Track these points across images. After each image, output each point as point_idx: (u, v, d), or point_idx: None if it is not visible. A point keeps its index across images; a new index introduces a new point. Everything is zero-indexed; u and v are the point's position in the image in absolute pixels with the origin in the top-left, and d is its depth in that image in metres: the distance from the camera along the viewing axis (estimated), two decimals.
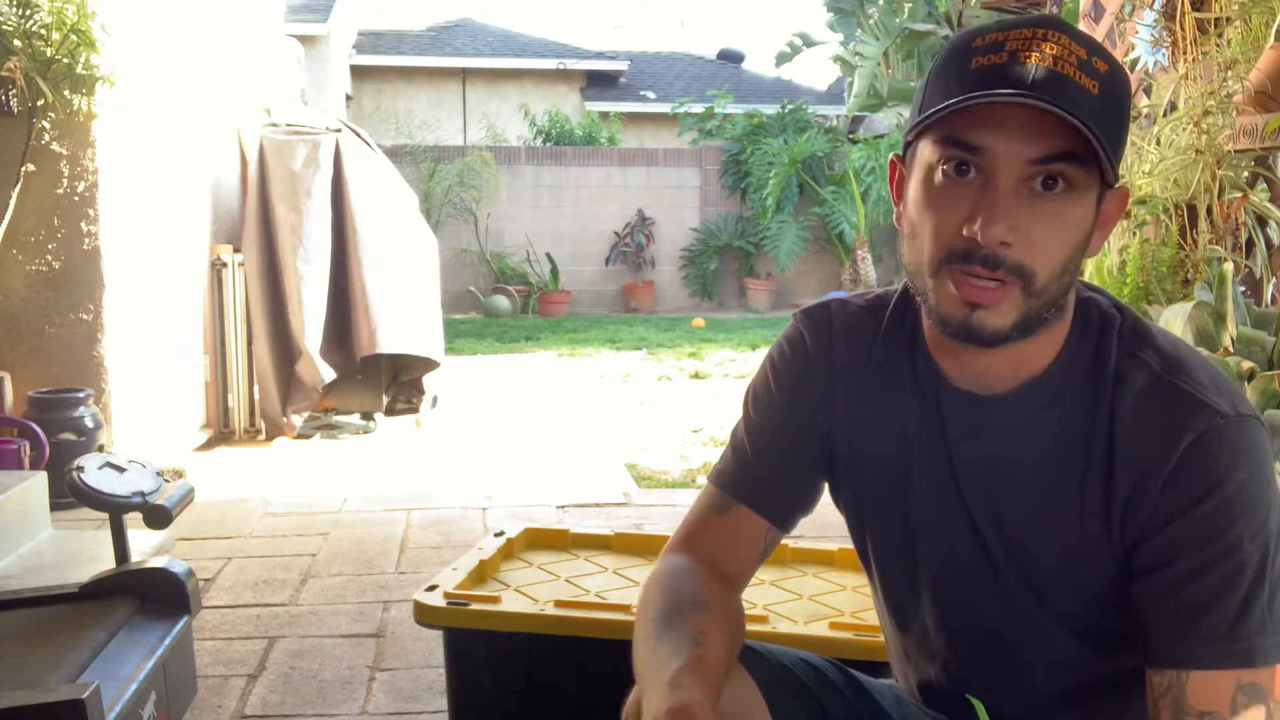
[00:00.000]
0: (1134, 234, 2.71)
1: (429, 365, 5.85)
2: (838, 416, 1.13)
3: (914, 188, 1.00)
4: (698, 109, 13.66)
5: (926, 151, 0.97)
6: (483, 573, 1.95)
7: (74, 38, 3.71)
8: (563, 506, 4.01)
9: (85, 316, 4.04)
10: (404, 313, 5.45)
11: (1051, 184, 0.93)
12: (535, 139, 13.96)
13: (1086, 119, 0.90)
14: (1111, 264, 2.72)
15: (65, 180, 3.97)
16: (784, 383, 1.16)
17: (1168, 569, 0.96)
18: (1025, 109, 0.91)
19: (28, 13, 3.69)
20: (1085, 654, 1.06)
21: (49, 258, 4.00)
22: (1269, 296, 2.61)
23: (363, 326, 5.26)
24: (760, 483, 1.15)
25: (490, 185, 11.94)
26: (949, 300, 0.96)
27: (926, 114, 0.94)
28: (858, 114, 12.90)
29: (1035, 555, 1.04)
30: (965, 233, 0.93)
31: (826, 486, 1.19)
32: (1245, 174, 2.63)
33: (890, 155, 1.07)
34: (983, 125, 0.92)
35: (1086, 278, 2.71)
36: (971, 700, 1.11)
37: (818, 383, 1.14)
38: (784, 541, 1.21)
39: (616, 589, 1.92)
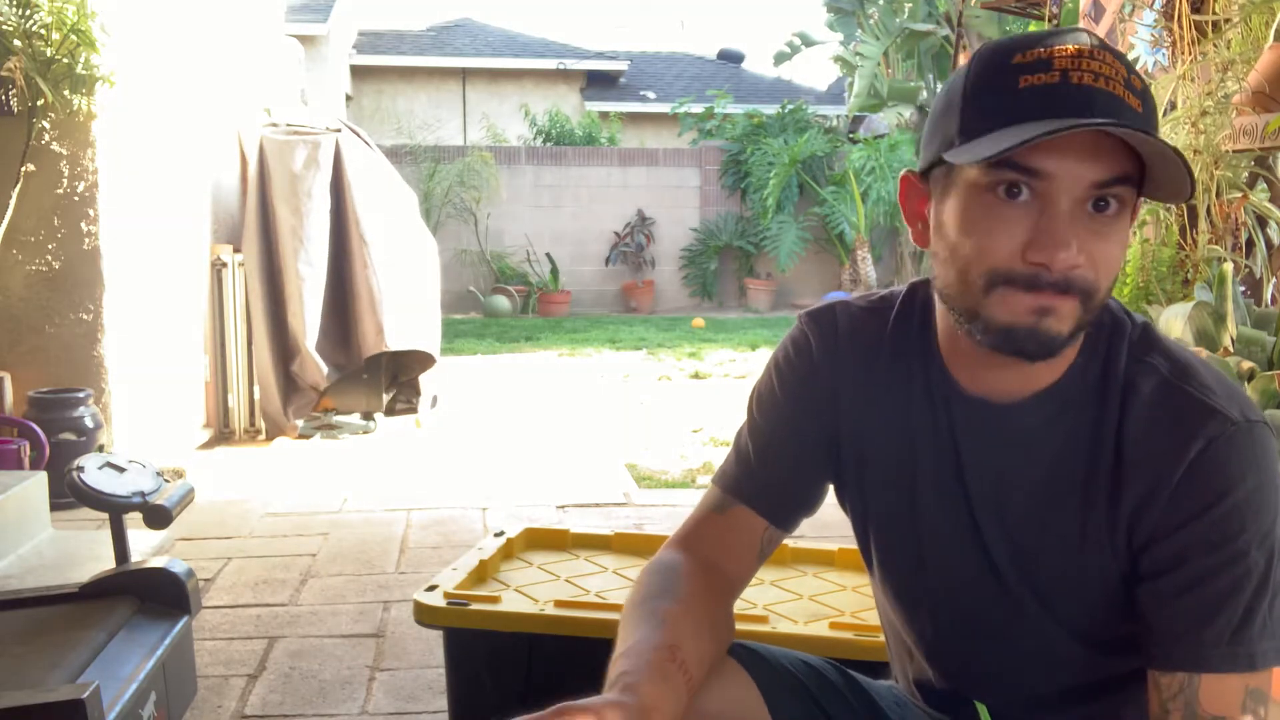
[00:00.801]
0: (1135, 233, 2.71)
1: (426, 364, 5.86)
2: (844, 419, 1.13)
3: (955, 209, 0.97)
4: (698, 109, 13.66)
5: (973, 174, 0.94)
6: (483, 573, 1.95)
7: (74, 38, 3.71)
8: (563, 506, 4.01)
9: (85, 316, 4.04)
10: (406, 311, 5.45)
11: (1104, 205, 0.93)
12: (535, 139, 13.96)
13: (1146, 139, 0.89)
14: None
15: (65, 180, 3.97)
16: (788, 385, 1.16)
17: (1175, 573, 0.96)
18: (1086, 132, 0.90)
19: (28, 13, 3.69)
20: (1086, 656, 1.07)
21: (49, 258, 4.00)
22: (1269, 296, 2.61)
23: (369, 325, 5.26)
24: (761, 483, 1.15)
25: (490, 185, 11.95)
26: (1013, 308, 0.94)
27: (1001, 149, 0.89)
28: (858, 114, 12.91)
29: (1040, 559, 1.04)
30: (1030, 258, 0.92)
31: (830, 488, 1.19)
32: (1245, 174, 2.63)
33: (903, 173, 1.06)
34: (1045, 150, 0.90)
35: None
36: (977, 706, 1.12)
37: (823, 385, 1.14)
38: (784, 541, 1.21)
39: (616, 589, 1.92)
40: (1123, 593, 1.01)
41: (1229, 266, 2.24)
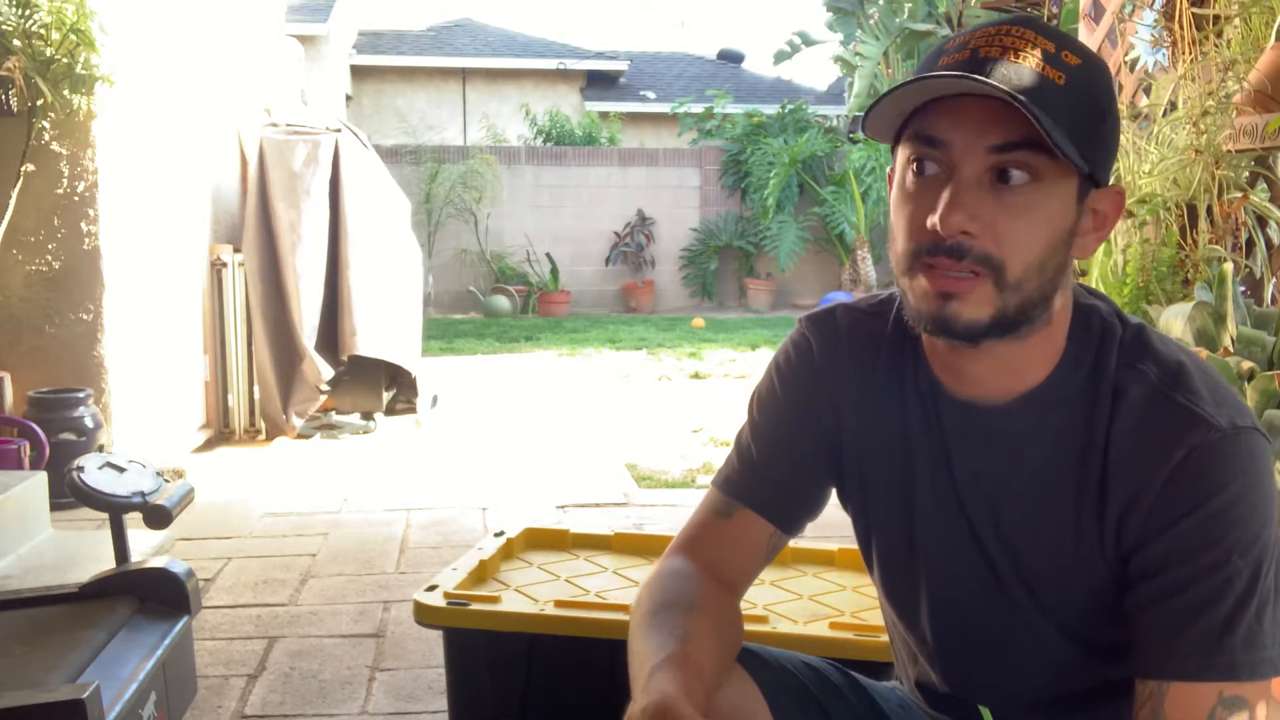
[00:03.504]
0: (1136, 233, 2.71)
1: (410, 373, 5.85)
2: (845, 421, 1.13)
3: (893, 190, 1.01)
4: (698, 109, 13.67)
5: (900, 154, 0.99)
6: (483, 573, 1.95)
7: (73, 37, 3.71)
8: (563, 506, 4.01)
9: (85, 316, 4.04)
10: (384, 318, 5.44)
11: (1012, 175, 0.93)
12: (535, 139, 13.96)
13: (1042, 105, 0.89)
14: (1115, 263, 2.72)
15: (65, 180, 3.97)
16: (789, 387, 1.16)
17: (1155, 579, 0.95)
18: (984, 101, 0.91)
19: (27, 13, 3.69)
20: (1083, 661, 1.06)
21: (49, 258, 4.00)
22: (1269, 296, 2.60)
23: (346, 327, 5.26)
24: (765, 486, 1.15)
25: (493, 186, 11.95)
26: (921, 294, 0.97)
27: (875, 101, 0.95)
28: (858, 114, 12.90)
29: (1034, 563, 1.04)
30: (928, 225, 0.94)
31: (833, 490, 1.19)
32: (1245, 174, 2.63)
33: (889, 169, 1.07)
34: (942, 119, 0.93)
35: (1092, 279, 2.72)
36: (982, 710, 1.11)
37: (823, 388, 1.14)
38: None
39: (616, 589, 1.92)
40: (1115, 597, 1.01)
41: (1229, 266, 2.24)
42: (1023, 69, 0.91)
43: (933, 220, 0.93)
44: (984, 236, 0.93)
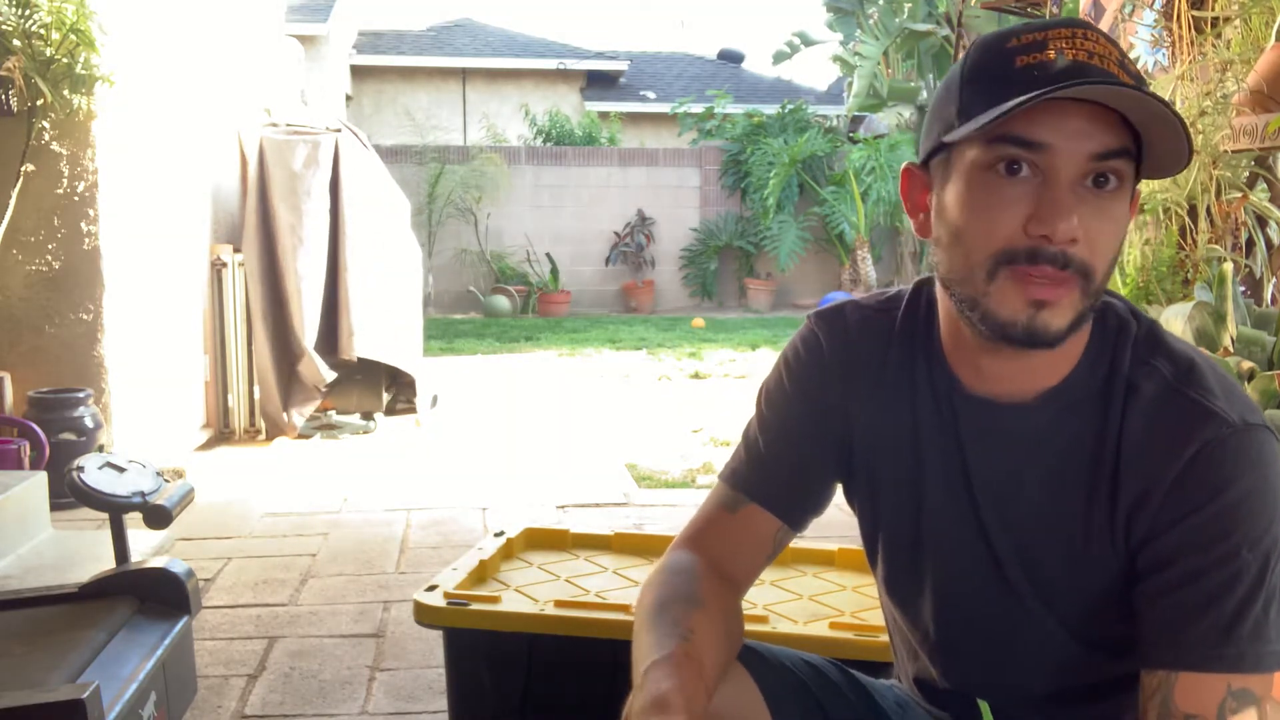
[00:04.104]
0: (1137, 233, 2.71)
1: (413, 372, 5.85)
2: (853, 418, 1.13)
3: (957, 191, 0.97)
4: (698, 109, 13.67)
5: (972, 153, 0.95)
6: (483, 573, 1.95)
7: (73, 37, 3.71)
8: (563, 506, 4.01)
9: (85, 316, 4.04)
10: (383, 320, 5.44)
11: (1104, 181, 0.93)
12: (535, 139, 13.96)
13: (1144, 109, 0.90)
14: (1122, 261, 2.72)
15: (65, 180, 3.97)
16: (798, 382, 1.15)
17: (1165, 571, 0.96)
18: (1084, 105, 0.90)
19: (27, 13, 3.69)
20: (1086, 657, 1.07)
21: (49, 258, 4.00)
22: (1269, 296, 2.61)
23: (345, 327, 5.26)
24: (773, 481, 1.15)
25: (495, 186, 11.96)
26: (1010, 301, 0.94)
27: (997, 113, 0.90)
28: (858, 114, 12.91)
29: (1043, 560, 1.04)
30: (1031, 231, 0.92)
31: (839, 487, 1.19)
32: (1245, 174, 2.63)
33: (904, 165, 1.06)
34: (1044, 122, 0.91)
35: None
36: (980, 704, 1.11)
37: (833, 384, 1.13)
38: None
39: (616, 589, 1.92)
40: (1123, 594, 1.01)
41: (1229, 266, 2.24)
42: (1114, 77, 0.91)
43: (1040, 228, 0.91)
44: (1083, 244, 0.93)
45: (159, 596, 2.05)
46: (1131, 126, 0.93)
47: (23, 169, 3.84)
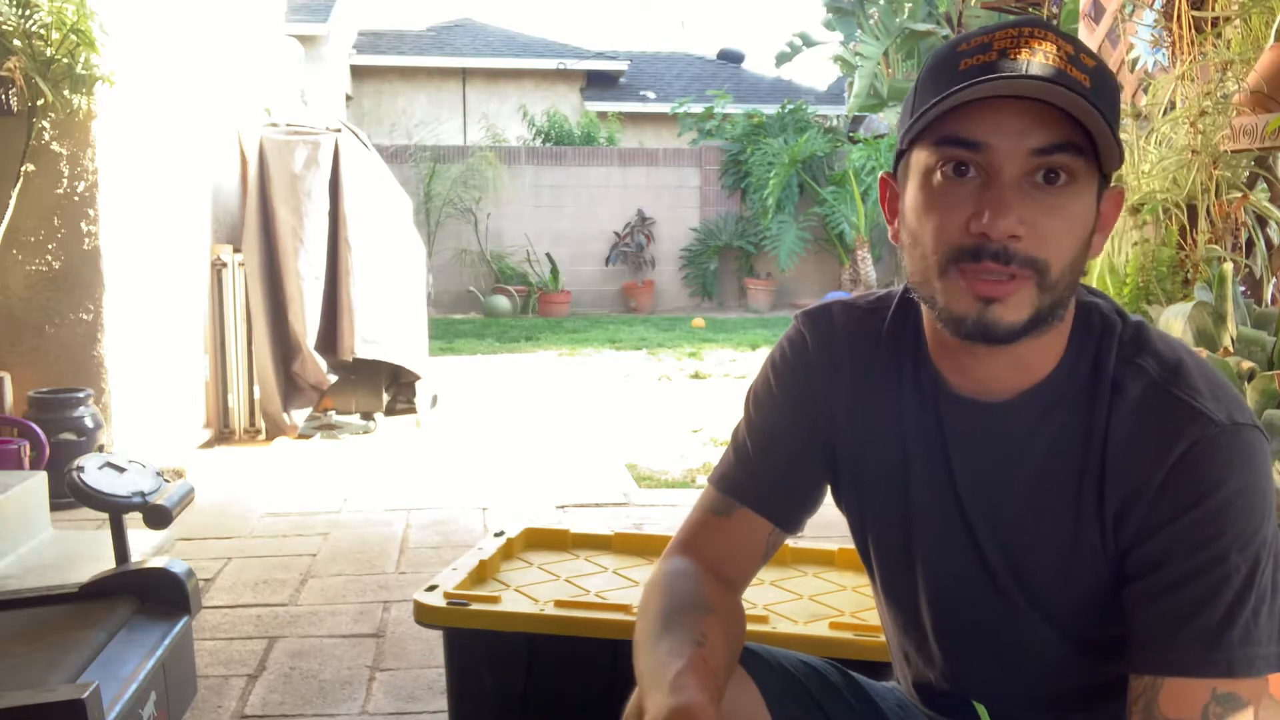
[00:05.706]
0: (1136, 233, 2.71)
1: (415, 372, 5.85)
2: (840, 419, 1.13)
3: (911, 195, 0.99)
4: (697, 109, 13.66)
5: (922, 157, 0.97)
6: (483, 573, 1.95)
7: (74, 37, 3.71)
8: (563, 506, 4.01)
9: (85, 316, 4.04)
10: (387, 319, 5.44)
11: (1054, 177, 0.93)
12: (535, 139, 13.96)
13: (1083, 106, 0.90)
14: (1116, 263, 2.72)
15: (65, 180, 3.97)
16: (785, 383, 1.16)
17: (1153, 575, 0.95)
18: (1021, 102, 0.91)
19: (27, 13, 3.69)
20: (1079, 659, 1.06)
21: (49, 258, 4.00)
22: (1269, 296, 2.60)
23: (345, 329, 5.26)
24: (763, 484, 1.15)
25: (493, 186, 11.95)
26: (960, 298, 0.95)
27: (920, 112, 0.94)
28: (858, 114, 12.89)
29: (1031, 561, 1.04)
30: (973, 229, 0.93)
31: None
32: (1245, 174, 2.63)
33: (881, 174, 1.07)
34: (981, 121, 0.93)
35: (1092, 278, 2.72)
36: (976, 705, 1.11)
37: (819, 384, 1.13)
38: (784, 541, 1.21)
39: (616, 589, 1.92)
40: (1113, 595, 1.01)
41: (1229, 266, 2.24)
42: (1058, 70, 0.91)
43: (980, 225, 0.92)
44: (1029, 239, 0.93)
45: (159, 596, 2.05)
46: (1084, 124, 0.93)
47: (23, 169, 3.84)
